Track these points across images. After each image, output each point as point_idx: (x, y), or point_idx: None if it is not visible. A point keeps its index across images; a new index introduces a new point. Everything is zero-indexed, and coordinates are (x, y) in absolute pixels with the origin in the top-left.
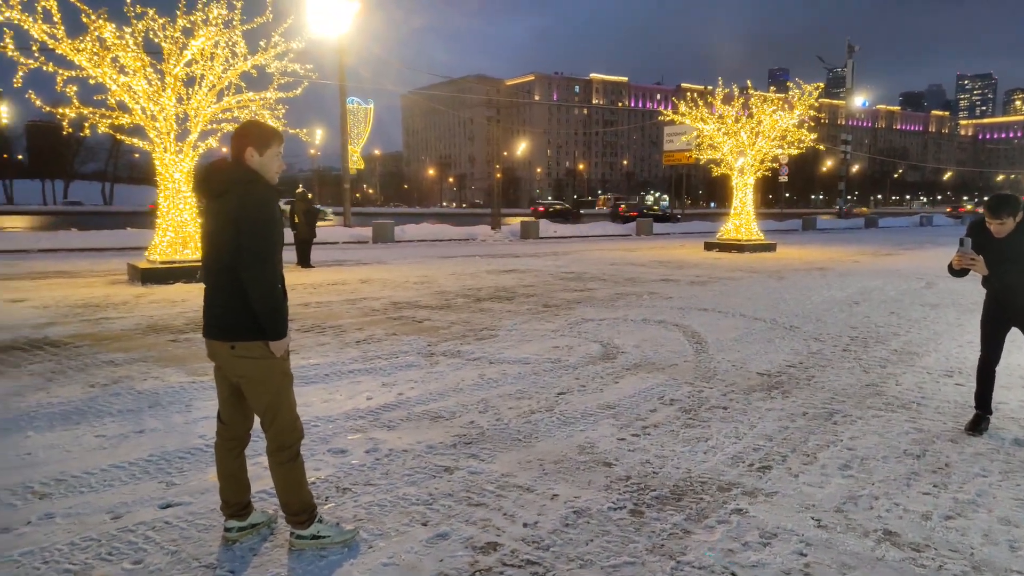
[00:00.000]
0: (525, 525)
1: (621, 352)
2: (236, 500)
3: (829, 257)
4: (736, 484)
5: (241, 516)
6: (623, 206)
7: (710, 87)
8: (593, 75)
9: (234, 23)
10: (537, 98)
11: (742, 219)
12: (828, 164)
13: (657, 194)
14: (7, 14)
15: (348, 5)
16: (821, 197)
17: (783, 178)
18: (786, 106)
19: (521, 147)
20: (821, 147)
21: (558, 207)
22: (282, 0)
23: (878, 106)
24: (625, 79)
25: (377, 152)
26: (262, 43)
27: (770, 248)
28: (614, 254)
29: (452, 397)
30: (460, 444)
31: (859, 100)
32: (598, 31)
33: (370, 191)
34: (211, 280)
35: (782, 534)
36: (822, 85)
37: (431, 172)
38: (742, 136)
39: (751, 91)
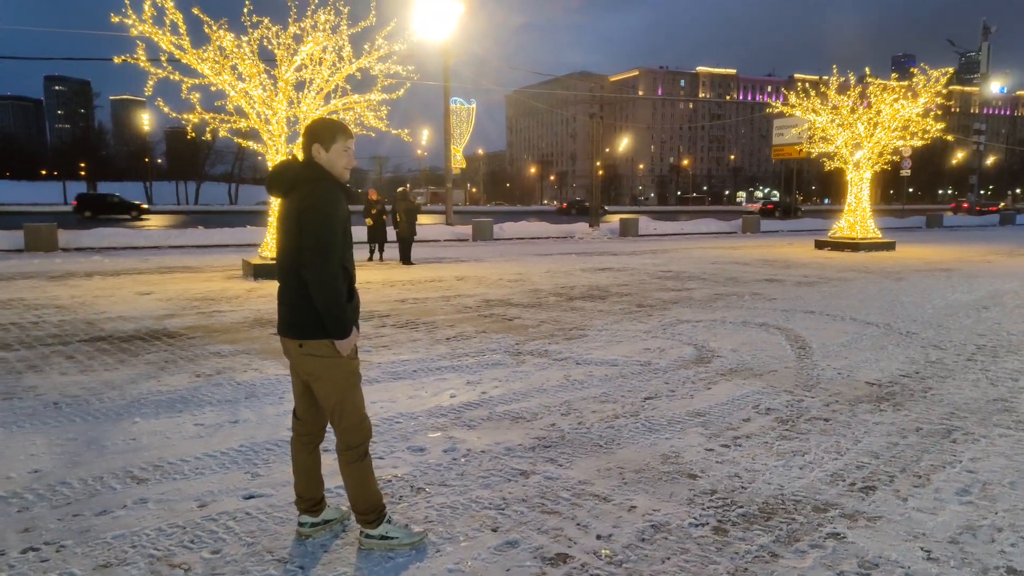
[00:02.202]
0: (599, 537)
1: (716, 356)
2: (310, 495)
3: (956, 257)
4: (834, 505)
5: (314, 512)
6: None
7: (825, 77)
8: (700, 68)
9: (340, 28)
10: (641, 93)
11: (857, 216)
12: (958, 156)
13: (767, 190)
14: (140, 28)
15: (453, 7)
16: (949, 192)
17: (905, 172)
18: (909, 94)
19: (623, 143)
20: (950, 137)
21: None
22: (386, 3)
23: (1018, 92)
24: (733, 71)
25: (480, 151)
26: (366, 46)
27: (888, 247)
28: (717, 252)
29: (535, 398)
30: (539, 447)
31: (996, 86)
32: (706, 23)
33: (473, 190)
34: (282, 277)
35: (885, 565)
36: (951, 71)
37: (532, 170)
38: (858, 128)
39: (870, 79)
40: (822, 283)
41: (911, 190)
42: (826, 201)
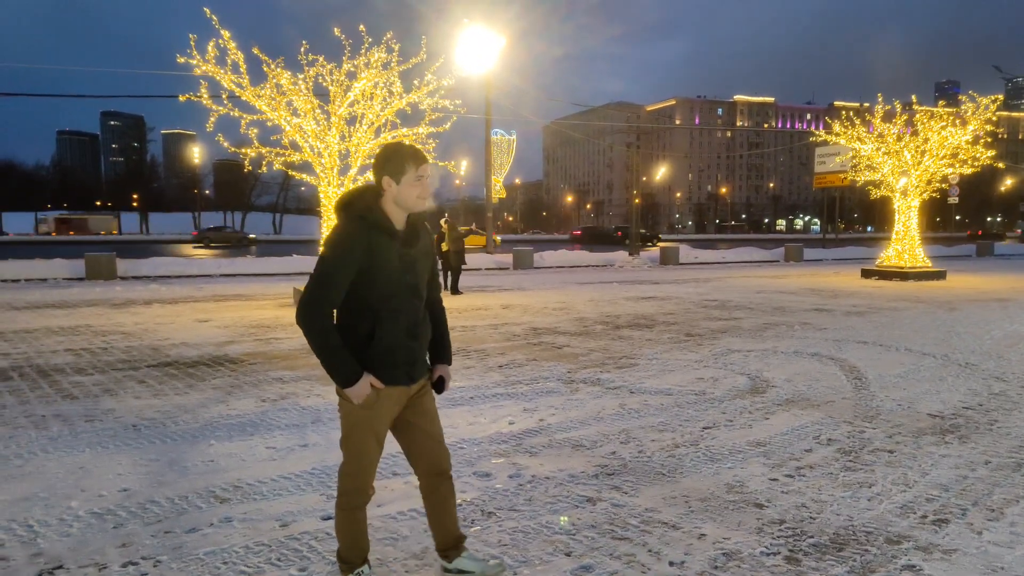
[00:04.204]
0: (671, 564)
1: (771, 386)
2: (435, 538)
3: (1011, 287)
4: (907, 537)
5: (446, 556)
6: None
7: (867, 104)
8: (737, 97)
9: (392, 65)
10: (678, 122)
11: (905, 244)
12: (1007, 183)
13: (807, 218)
14: (204, 68)
15: (495, 41)
16: (999, 219)
17: (953, 200)
18: (958, 121)
19: (660, 172)
20: (1000, 165)
21: None
22: (434, 40)
23: None
24: (771, 99)
25: (518, 181)
26: (416, 82)
27: (939, 276)
28: (760, 281)
29: (593, 426)
30: (602, 475)
31: None
32: (743, 53)
33: (510, 218)
34: None
35: None
36: (1001, 97)
37: (569, 199)
38: (905, 155)
39: (916, 106)
40: (872, 313)
41: (958, 218)
42: (869, 229)
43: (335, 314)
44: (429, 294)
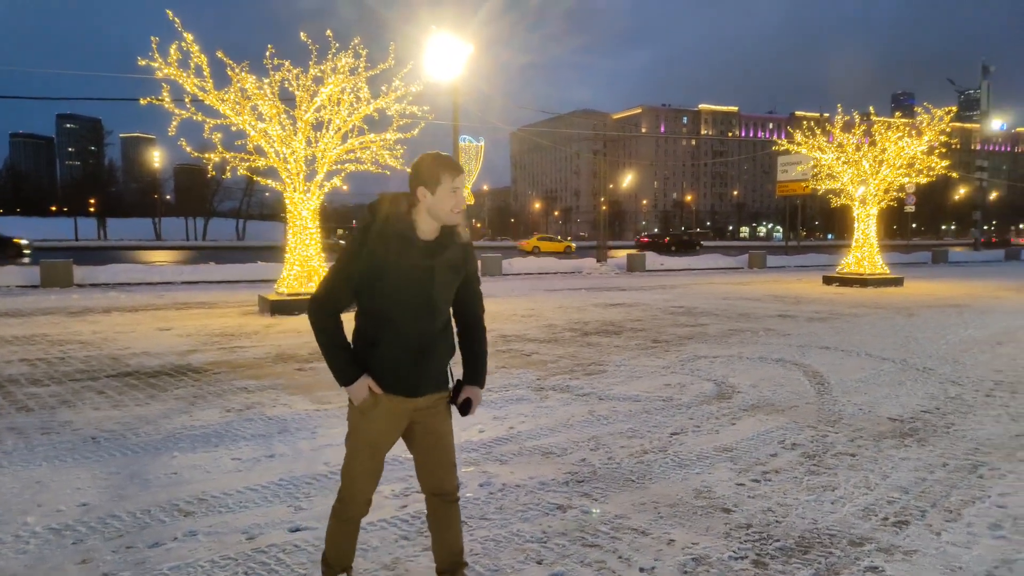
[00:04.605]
0: (642, 570)
1: (737, 392)
2: (441, 561)
3: (965, 292)
4: (869, 539)
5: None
6: None
7: (827, 114)
8: (702, 106)
9: (359, 70)
10: (644, 130)
11: (864, 251)
12: (961, 192)
13: (770, 226)
14: (165, 71)
15: (463, 49)
16: (952, 227)
17: (910, 208)
18: (913, 132)
19: (627, 179)
20: (954, 175)
21: None
22: (402, 47)
23: (1018, 128)
24: (735, 109)
25: (486, 187)
26: (384, 87)
27: (897, 283)
28: (725, 288)
29: (563, 433)
30: (572, 482)
31: (996, 123)
32: (707, 63)
33: (478, 225)
34: None
35: None
36: (954, 109)
37: (537, 206)
38: (864, 165)
39: (873, 117)
40: (834, 319)
41: (915, 226)
42: (830, 236)
43: (356, 314)
44: (465, 311)
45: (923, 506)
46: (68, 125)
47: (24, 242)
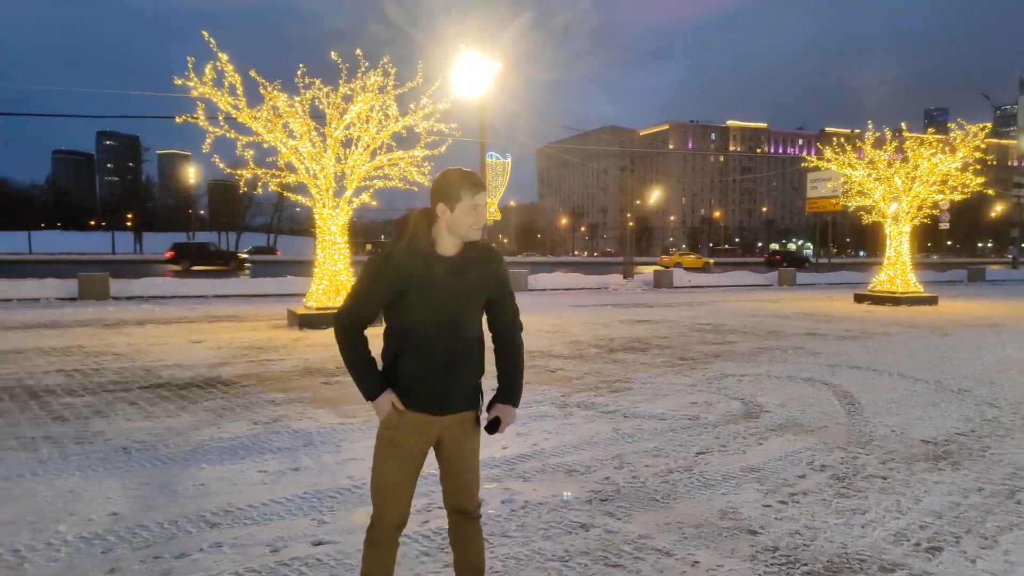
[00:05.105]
0: None
1: (765, 411)
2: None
3: (1003, 312)
4: (901, 565)
5: None
6: None
7: (857, 130)
8: (730, 122)
9: (388, 88)
10: (671, 147)
11: (897, 269)
12: (998, 209)
13: (800, 242)
14: (201, 90)
15: (490, 66)
16: (990, 245)
17: (944, 225)
18: (947, 148)
19: (654, 196)
20: (990, 191)
21: None
22: (430, 65)
23: None
24: (764, 125)
25: (512, 203)
26: (412, 105)
27: (931, 301)
28: (754, 305)
29: (586, 451)
30: (595, 500)
31: None
32: (735, 79)
33: (504, 240)
34: None
35: None
36: (990, 125)
37: (564, 221)
38: (896, 181)
39: (906, 133)
40: (865, 338)
41: (949, 243)
42: (861, 253)
43: (384, 330)
44: (498, 328)
45: (957, 532)
46: (108, 142)
47: (244, 256)
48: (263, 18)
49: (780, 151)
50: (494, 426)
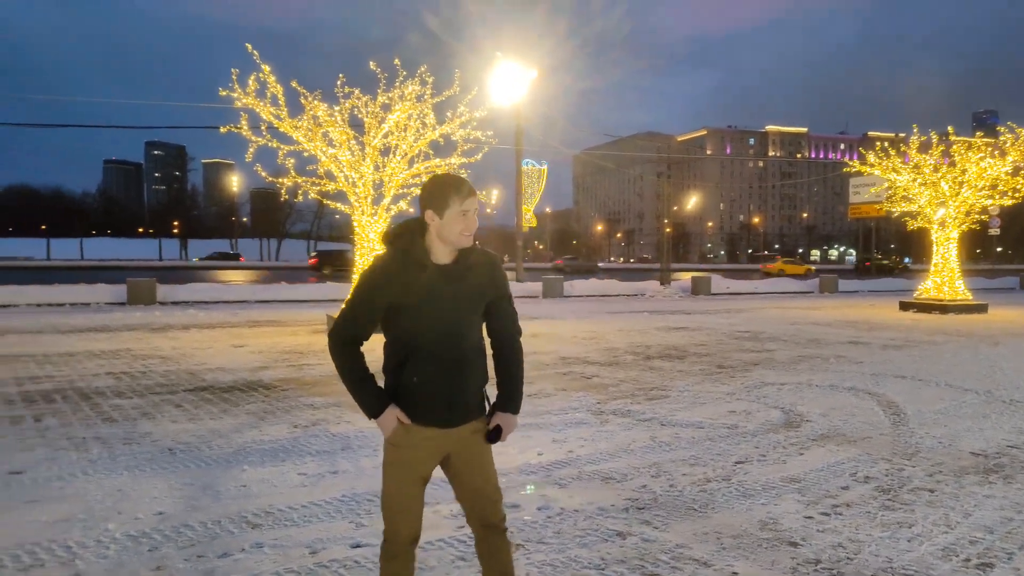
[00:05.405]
0: None
1: (806, 420)
2: None
3: None
4: None
5: None
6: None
7: (902, 134)
8: (769, 127)
9: (425, 97)
10: (709, 152)
11: (944, 276)
12: None
13: (842, 248)
14: (244, 101)
15: (526, 74)
16: None
17: (994, 231)
18: (996, 152)
19: (692, 202)
20: None
21: None
22: (467, 73)
23: None
24: (804, 129)
25: (548, 209)
26: (449, 113)
27: (980, 309)
28: (794, 313)
29: (623, 458)
30: (632, 508)
31: None
32: (774, 83)
33: (540, 247)
34: None
35: None
36: None
37: (599, 228)
38: (942, 186)
39: (953, 137)
40: (911, 346)
41: (1000, 249)
42: (907, 260)
43: (384, 344)
44: (497, 333)
45: (1010, 548)
46: (156, 152)
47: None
48: (305, 31)
49: (821, 156)
50: (495, 435)
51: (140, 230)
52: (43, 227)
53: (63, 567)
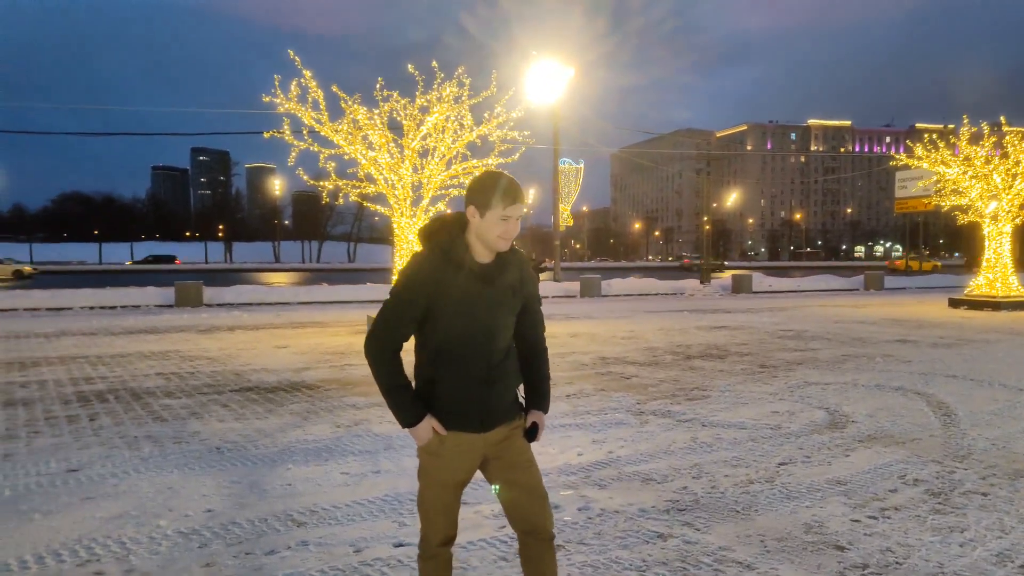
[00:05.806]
0: None
1: (851, 421)
2: None
3: None
4: None
5: None
6: None
7: (951, 126)
8: (811, 121)
9: (463, 99)
10: (749, 148)
11: (997, 272)
12: None
13: (888, 244)
14: (287, 106)
15: (563, 72)
16: None
17: None
18: None
19: (732, 198)
20: None
21: None
22: (504, 73)
23: None
24: (847, 123)
25: (585, 209)
26: (486, 114)
27: None
28: (838, 311)
29: (663, 459)
30: (673, 510)
31: None
32: (815, 76)
33: (577, 246)
34: None
35: None
36: None
37: (637, 226)
38: (995, 179)
39: (1005, 128)
40: (962, 345)
41: None
42: (956, 255)
43: (415, 349)
44: (526, 334)
45: None
46: (201, 158)
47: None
48: (344, 36)
49: (866, 150)
50: (533, 433)
51: (187, 234)
52: (95, 232)
53: (118, 562)
